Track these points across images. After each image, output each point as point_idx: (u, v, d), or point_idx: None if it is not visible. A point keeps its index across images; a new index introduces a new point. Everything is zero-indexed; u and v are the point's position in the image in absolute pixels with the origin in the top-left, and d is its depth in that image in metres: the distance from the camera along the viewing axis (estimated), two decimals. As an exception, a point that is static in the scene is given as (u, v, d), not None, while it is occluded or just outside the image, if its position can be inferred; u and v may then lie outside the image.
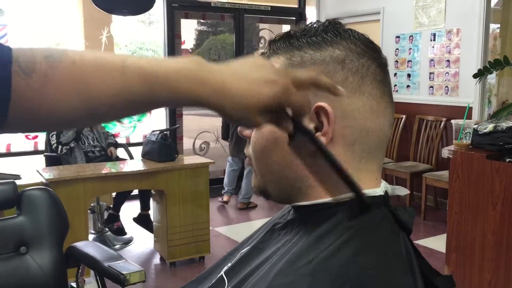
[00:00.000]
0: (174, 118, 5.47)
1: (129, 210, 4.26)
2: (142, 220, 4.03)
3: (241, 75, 0.54)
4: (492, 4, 4.65)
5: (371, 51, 0.67)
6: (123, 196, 4.06)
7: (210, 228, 3.68)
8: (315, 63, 0.65)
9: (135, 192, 4.14)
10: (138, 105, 0.54)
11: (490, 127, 2.16)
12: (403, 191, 0.78)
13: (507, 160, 2.10)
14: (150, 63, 0.53)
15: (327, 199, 0.66)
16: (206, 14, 5.85)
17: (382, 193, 0.68)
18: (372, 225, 0.64)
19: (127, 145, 4.56)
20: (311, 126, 0.64)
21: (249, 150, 0.73)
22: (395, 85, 5.27)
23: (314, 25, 0.68)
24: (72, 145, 3.88)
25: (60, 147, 3.84)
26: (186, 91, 0.53)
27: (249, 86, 0.54)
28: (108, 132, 4.42)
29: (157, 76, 0.52)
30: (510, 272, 2.08)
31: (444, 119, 4.70)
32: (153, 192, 3.73)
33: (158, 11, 5.33)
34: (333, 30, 0.67)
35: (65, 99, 0.52)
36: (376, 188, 0.68)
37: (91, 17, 5.39)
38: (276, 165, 0.68)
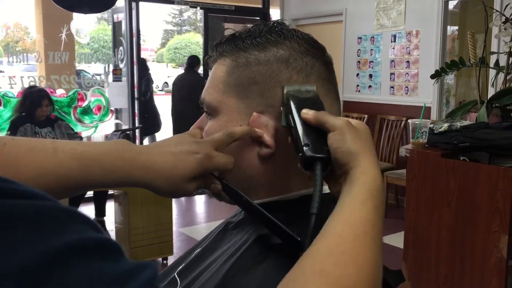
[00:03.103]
0: (134, 118, 5.40)
1: (85, 213, 4.17)
2: None
3: (166, 151, 0.60)
4: (450, 7, 4.78)
5: (314, 50, 0.68)
6: (78, 198, 3.98)
7: (174, 229, 3.65)
8: (260, 63, 0.66)
9: (90, 194, 4.05)
10: (70, 185, 0.56)
11: (445, 126, 2.22)
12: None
13: (461, 158, 2.16)
14: (81, 145, 0.57)
15: (277, 197, 0.67)
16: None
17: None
18: (322, 222, 0.65)
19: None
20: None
21: None
22: (358, 85, 5.35)
23: (259, 26, 0.68)
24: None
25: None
26: (117, 170, 0.57)
27: (175, 160, 0.59)
28: (76, 133, 4.32)
29: (90, 156, 0.56)
30: (464, 267, 2.14)
31: (404, 118, 4.81)
32: (115, 193, 3.67)
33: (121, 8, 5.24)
34: (277, 31, 0.67)
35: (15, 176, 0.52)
36: (325, 185, 0.69)
37: (50, 14, 5.25)
38: None
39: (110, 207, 3.94)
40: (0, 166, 0.52)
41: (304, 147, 0.58)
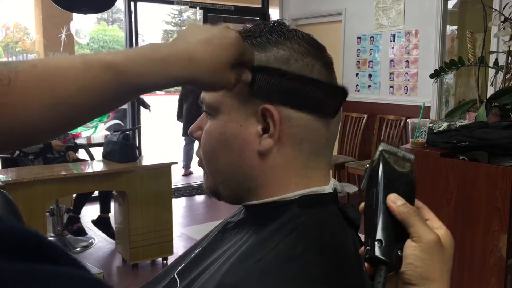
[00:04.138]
0: (137, 118, 5.40)
1: (91, 212, 4.18)
2: (101, 223, 3.92)
3: (200, 39, 0.56)
4: (450, 6, 4.78)
5: (315, 51, 0.67)
6: (84, 198, 3.98)
7: (174, 229, 3.65)
8: (260, 63, 0.66)
9: (96, 193, 4.06)
10: (108, 96, 0.53)
11: (444, 125, 2.22)
12: (351, 188, 0.80)
13: (461, 157, 2.16)
14: (110, 54, 0.54)
15: (276, 197, 0.67)
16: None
17: (331, 191, 0.70)
18: (320, 223, 0.65)
19: (87, 146, 4.47)
20: (258, 128, 0.65)
21: (199, 152, 0.73)
22: (357, 85, 5.35)
23: (259, 26, 0.68)
24: (30, 157, 3.77)
25: (17, 151, 3.73)
26: (154, 70, 0.53)
27: (212, 45, 0.56)
28: (69, 134, 4.32)
29: (123, 62, 0.53)
30: (464, 266, 2.15)
31: (403, 118, 4.81)
32: (115, 193, 3.67)
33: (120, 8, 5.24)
34: (278, 31, 0.67)
35: (33, 105, 0.49)
36: (324, 186, 0.69)
37: (50, 15, 5.25)
38: (225, 166, 0.69)
39: (110, 207, 3.94)
40: (37, 88, 0.49)
41: (376, 243, 0.50)
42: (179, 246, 3.75)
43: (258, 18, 6.28)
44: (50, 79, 0.50)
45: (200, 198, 5.51)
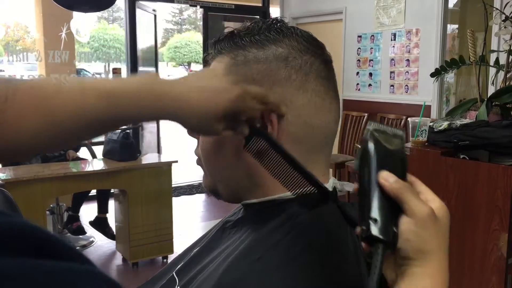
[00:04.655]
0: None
1: (90, 212, 4.17)
2: (99, 223, 3.91)
3: (199, 86, 0.57)
4: (450, 5, 4.78)
5: (314, 48, 0.67)
6: (82, 197, 3.98)
7: (174, 227, 3.65)
8: (259, 61, 0.65)
9: (94, 192, 4.05)
10: (101, 124, 0.55)
11: (445, 124, 2.22)
12: (351, 186, 0.79)
13: (461, 156, 2.16)
14: (109, 82, 0.55)
15: (275, 196, 0.67)
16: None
17: (331, 189, 0.69)
18: (320, 221, 0.65)
19: (90, 145, 4.47)
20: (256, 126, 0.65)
21: (198, 150, 0.73)
22: (357, 84, 5.35)
23: (258, 24, 0.68)
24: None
25: None
26: (148, 104, 0.55)
27: (208, 95, 0.57)
28: None
29: (119, 93, 0.54)
30: (464, 266, 2.14)
31: (404, 117, 4.80)
32: (115, 192, 3.67)
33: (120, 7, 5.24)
34: (276, 28, 0.67)
35: (27, 125, 0.51)
36: (324, 184, 0.69)
37: (50, 13, 5.25)
38: (223, 165, 0.69)
39: (111, 206, 3.94)
40: (34, 108, 0.51)
41: (371, 222, 0.50)
42: (179, 245, 3.75)
43: (258, 16, 6.27)
44: (47, 101, 0.52)
45: (200, 197, 5.51)
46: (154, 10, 5.86)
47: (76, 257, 0.36)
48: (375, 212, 0.50)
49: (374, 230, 0.50)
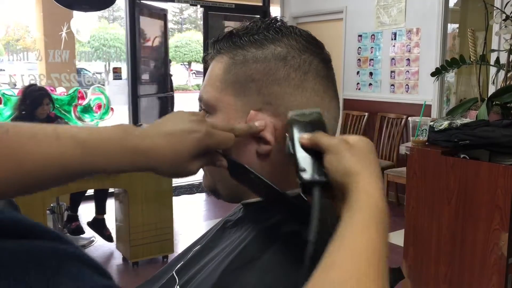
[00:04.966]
0: (137, 117, 5.40)
1: (88, 213, 4.17)
2: (97, 224, 3.88)
3: (165, 132, 0.58)
4: (451, 5, 4.77)
5: (313, 47, 0.67)
6: (78, 197, 3.97)
7: (174, 227, 3.65)
8: (257, 61, 0.65)
9: (90, 192, 4.05)
10: (73, 172, 0.55)
11: (445, 124, 2.22)
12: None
13: (461, 156, 2.16)
14: (82, 131, 0.56)
15: None
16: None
17: None
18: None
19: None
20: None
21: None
22: (358, 83, 5.35)
23: (257, 23, 0.68)
24: None
25: None
26: (119, 156, 0.56)
27: (175, 140, 0.58)
28: None
29: (92, 144, 0.55)
30: (464, 265, 2.14)
31: (404, 116, 4.80)
32: (116, 191, 3.68)
33: (121, 7, 5.24)
34: (275, 28, 0.67)
35: None
36: None
37: (51, 13, 5.25)
38: None
39: (111, 205, 3.94)
40: (6, 153, 0.51)
41: (301, 173, 0.56)
42: (179, 245, 3.75)
43: (258, 16, 6.26)
44: (21, 147, 0.52)
45: (201, 196, 5.52)
46: (162, 10, 5.86)
47: (64, 241, 0.36)
48: (302, 164, 0.57)
49: (305, 175, 0.56)
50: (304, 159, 0.57)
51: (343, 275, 0.47)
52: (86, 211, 4.21)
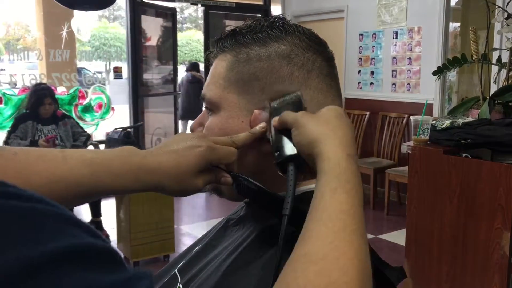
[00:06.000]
0: (138, 116, 5.40)
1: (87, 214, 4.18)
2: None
3: (169, 150, 0.61)
4: (452, 3, 4.76)
5: (316, 46, 0.67)
6: None
7: (175, 226, 3.65)
8: (261, 59, 0.65)
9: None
10: (79, 191, 0.57)
11: (447, 123, 2.21)
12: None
13: (463, 155, 2.15)
14: (89, 152, 0.59)
15: (277, 194, 0.66)
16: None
17: None
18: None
19: (97, 143, 4.48)
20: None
21: None
22: (359, 82, 5.34)
23: (260, 22, 0.68)
24: None
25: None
26: (127, 174, 0.58)
27: (178, 157, 0.60)
28: (84, 131, 4.30)
29: (99, 162, 0.57)
30: (466, 264, 2.14)
31: (406, 115, 4.79)
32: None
33: (121, 6, 5.23)
34: (278, 26, 0.67)
35: None
36: None
37: (51, 12, 5.25)
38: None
39: (111, 205, 3.94)
40: (11, 175, 0.52)
41: (275, 154, 0.58)
42: (180, 244, 3.75)
43: (259, 15, 6.26)
44: (30, 168, 0.54)
45: (201, 195, 5.51)
46: (170, 9, 5.86)
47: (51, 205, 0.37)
48: (274, 146, 0.59)
49: (279, 154, 0.58)
50: (278, 141, 0.59)
51: (319, 245, 0.47)
52: (85, 214, 4.21)
